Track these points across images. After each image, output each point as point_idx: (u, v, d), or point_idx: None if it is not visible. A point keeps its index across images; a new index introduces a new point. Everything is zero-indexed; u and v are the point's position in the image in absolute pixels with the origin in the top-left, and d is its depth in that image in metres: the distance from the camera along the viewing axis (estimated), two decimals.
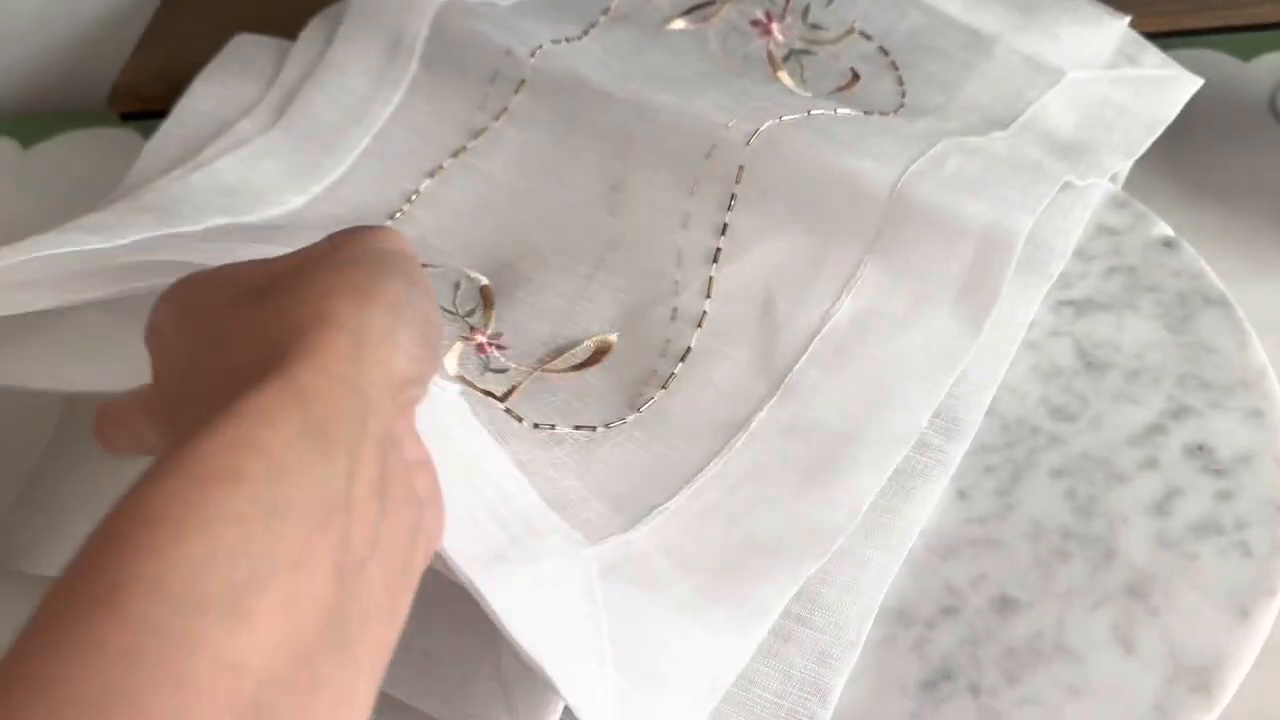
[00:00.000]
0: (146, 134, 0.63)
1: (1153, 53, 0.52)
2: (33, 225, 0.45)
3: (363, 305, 0.27)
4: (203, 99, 0.55)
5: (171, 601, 0.21)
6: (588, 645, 0.33)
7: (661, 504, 0.39)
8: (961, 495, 0.40)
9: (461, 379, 0.42)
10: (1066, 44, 0.52)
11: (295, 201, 0.50)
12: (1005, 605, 0.38)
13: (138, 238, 0.43)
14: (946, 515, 0.40)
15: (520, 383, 0.43)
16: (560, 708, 0.35)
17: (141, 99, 0.64)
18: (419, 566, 0.28)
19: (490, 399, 0.42)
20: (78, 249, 0.41)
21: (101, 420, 0.34)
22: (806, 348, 0.42)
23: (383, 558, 0.25)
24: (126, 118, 0.65)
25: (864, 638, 0.37)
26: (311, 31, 0.57)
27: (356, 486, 0.25)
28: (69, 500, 0.45)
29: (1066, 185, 0.45)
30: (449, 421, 0.34)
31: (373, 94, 0.53)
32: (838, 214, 0.44)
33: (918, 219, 0.43)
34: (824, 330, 0.42)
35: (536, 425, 0.41)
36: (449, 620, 0.34)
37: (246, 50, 0.57)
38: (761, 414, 0.41)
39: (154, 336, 0.30)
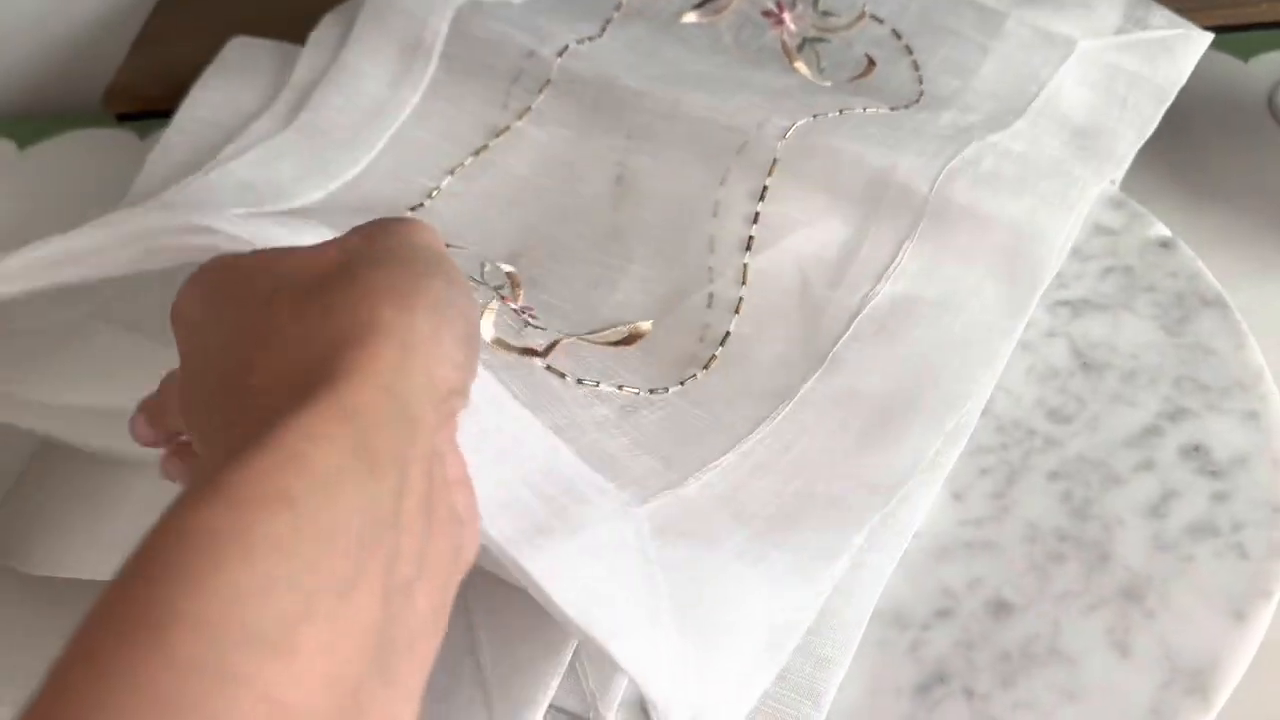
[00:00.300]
0: (142, 135, 0.63)
1: (1160, 11, 0.52)
2: (29, 226, 0.45)
3: (407, 309, 0.26)
4: (202, 105, 0.55)
5: (213, 636, 0.20)
6: (644, 610, 0.32)
7: (712, 461, 0.38)
8: (956, 497, 0.40)
9: (499, 341, 0.41)
10: (1075, 11, 0.52)
11: (314, 196, 0.50)
12: (1000, 608, 0.37)
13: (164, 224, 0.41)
14: (941, 517, 0.40)
15: (560, 339, 0.42)
16: (542, 712, 0.34)
17: (137, 99, 0.64)
18: (457, 583, 0.27)
19: (531, 356, 0.41)
20: (99, 237, 0.40)
21: (138, 414, 0.34)
22: (848, 327, 0.42)
23: (428, 577, 0.25)
24: (122, 118, 0.65)
25: (858, 640, 0.37)
26: (323, 32, 0.56)
27: (405, 503, 0.24)
28: (58, 497, 0.45)
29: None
30: (476, 401, 0.33)
31: (390, 94, 0.53)
32: (873, 205, 0.45)
33: (957, 213, 0.44)
34: (865, 311, 0.43)
35: (580, 381, 0.41)
36: None
37: (243, 54, 0.57)
38: (808, 384, 0.41)
39: (178, 321, 0.29)
